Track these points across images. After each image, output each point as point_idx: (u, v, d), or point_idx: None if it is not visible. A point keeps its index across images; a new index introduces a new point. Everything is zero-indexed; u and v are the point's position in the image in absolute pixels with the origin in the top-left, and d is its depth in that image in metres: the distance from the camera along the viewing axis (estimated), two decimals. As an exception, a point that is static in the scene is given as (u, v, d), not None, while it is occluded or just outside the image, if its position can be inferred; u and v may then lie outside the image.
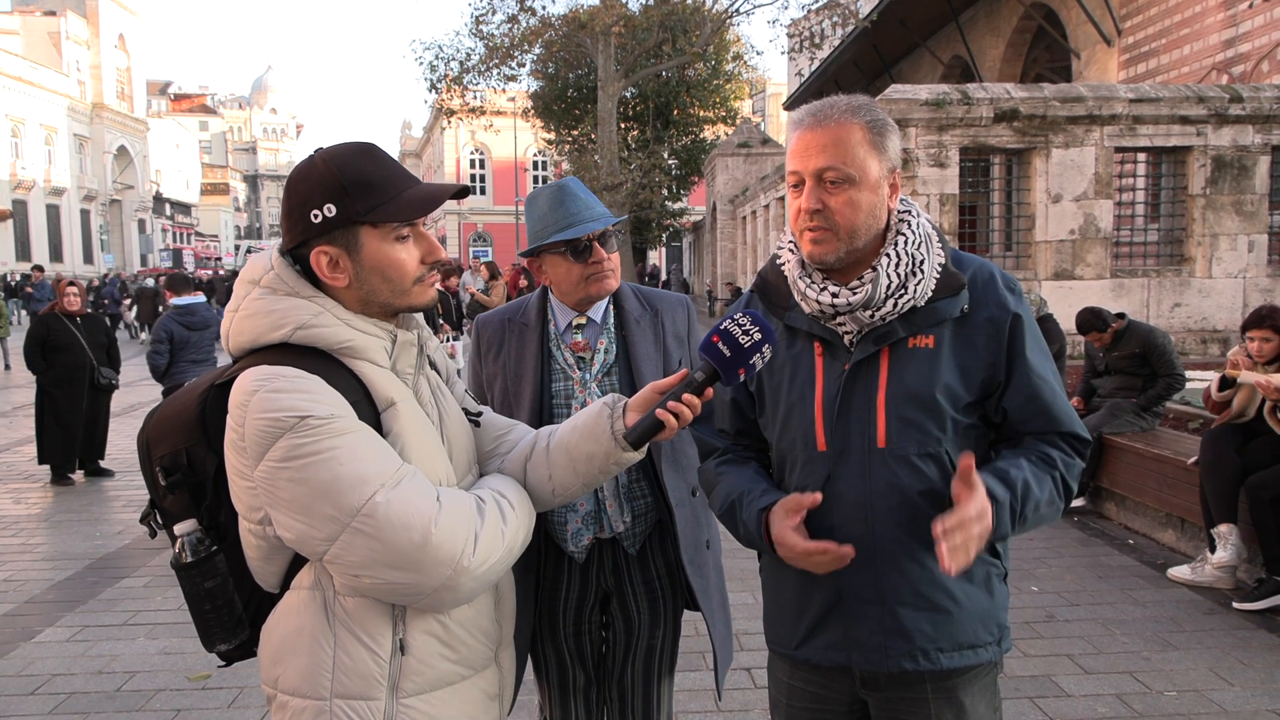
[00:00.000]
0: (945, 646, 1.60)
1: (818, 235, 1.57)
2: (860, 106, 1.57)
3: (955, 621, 1.60)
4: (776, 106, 52.17)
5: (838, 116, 1.55)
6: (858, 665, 1.64)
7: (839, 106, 1.56)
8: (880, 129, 1.56)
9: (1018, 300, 1.63)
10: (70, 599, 4.84)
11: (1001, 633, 1.67)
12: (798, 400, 1.66)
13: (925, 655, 1.60)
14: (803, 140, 1.56)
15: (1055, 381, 1.63)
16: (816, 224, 1.56)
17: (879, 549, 1.58)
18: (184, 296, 7.05)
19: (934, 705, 1.63)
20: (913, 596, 1.59)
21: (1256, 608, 4.42)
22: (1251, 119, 10.52)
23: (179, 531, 1.44)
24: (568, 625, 2.22)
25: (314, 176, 1.42)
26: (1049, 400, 1.61)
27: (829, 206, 1.55)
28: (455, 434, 1.58)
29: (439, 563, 1.34)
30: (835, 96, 1.60)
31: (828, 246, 1.57)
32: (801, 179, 1.57)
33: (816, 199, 1.55)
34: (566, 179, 2.21)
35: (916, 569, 1.59)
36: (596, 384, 2.17)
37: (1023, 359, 1.60)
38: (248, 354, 1.44)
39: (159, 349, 6.71)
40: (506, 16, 23.01)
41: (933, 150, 10.29)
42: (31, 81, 44.14)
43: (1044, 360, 1.63)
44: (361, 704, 1.39)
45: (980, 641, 1.63)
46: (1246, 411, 4.83)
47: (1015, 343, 1.60)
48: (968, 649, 1.62)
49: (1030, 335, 1.61)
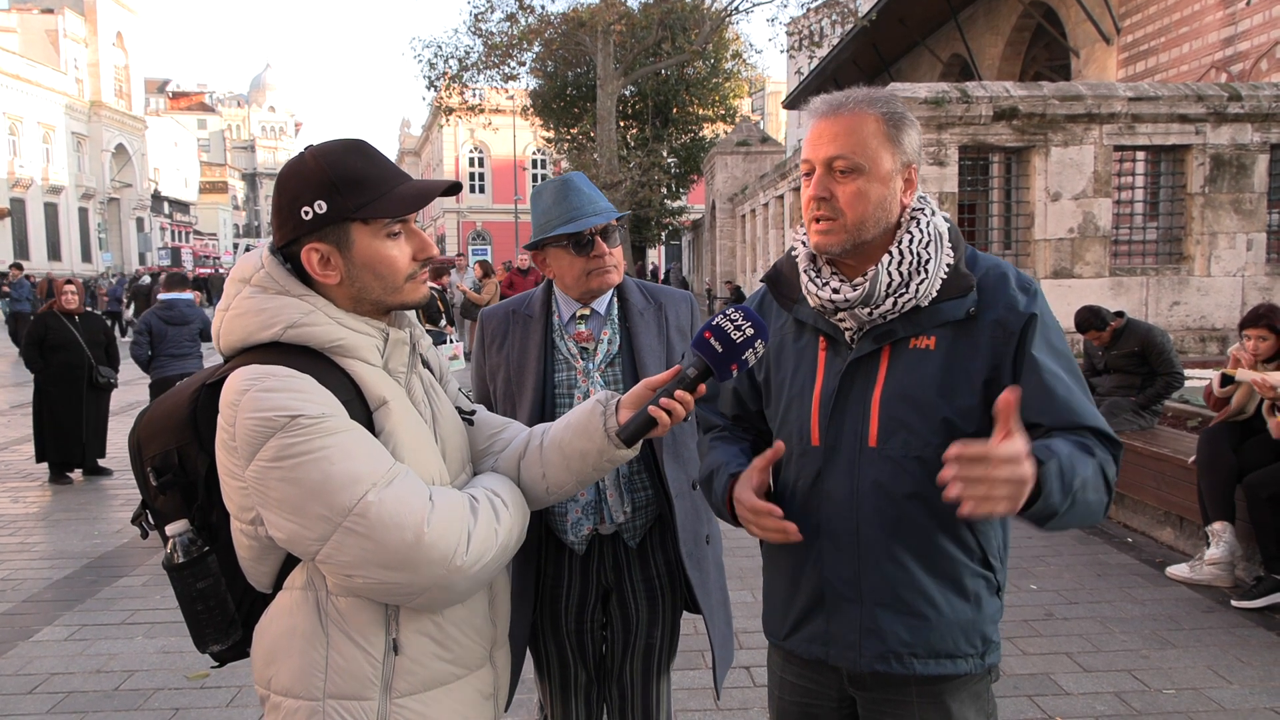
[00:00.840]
0: (920, 653, 1.57)
1: (824, 225, 1.55)
2: (878, 98, 1.55)
3: (933, 629, 1.57)
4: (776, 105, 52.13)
5: (853, 106, 1.53)
6: (834, 661, 1.64)
7: (856, 96, 1.54)
8: (897, 122, 1.54)
9: (1031, 300, 1.57)
10: (68, 598, 4.83)
11: (986, 646, 1.62)
12: (798, 394, 1.66)
13: (898, 659, 1.58)
14: (817, 129, 1.54)
15: (1073, 381, 1.55)
16: (823, 213, 1.54)
17: (863, 547, 1.57)
18: (172, 293, 7.40)
19: (919, 709, 1.61)
20: (891, 599, 1.57)
21: (1255, 605, 4.42)
22: (1250, 117, 10.51)
23: (171, 532, 1.43)
24: (570, 623, 2.22)
25: (304, 173, 1.41)
26: (1065, 396, 1.52)
27: (836, 195, 1.53)
28: (448, 433, 1.58)
29: (432, 562, 1.33)
30: (857, 88, 1.58)
31: (834, 237, 1.55)
32: (813, 167, 1.55)
33: (824, 187, 1.53)
34: (572, 173, 2.23)
35: (898, 571, 1.57)
36: (600, 374, 2.18)
37: (1030, 357, 1.53)
38: (239, 353, 1.43)
39: (139, 340, 7.11)
40: (505, 15, 22.99)
41: (932, 149, 10.28)
42: (29, 79, 44.08)
43: (1058, 359, 1.55)
44: (355, 704, 1.39)
45: (960, 652, 1.59)
46: (1246, 409, 4.83)
47: (1026, 343, 1.54)
48: (945, 658, 1.58)
49: (1041, 334, 1.55)
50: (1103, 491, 1.48)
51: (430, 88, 24.51)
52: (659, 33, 22.30)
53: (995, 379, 1.55)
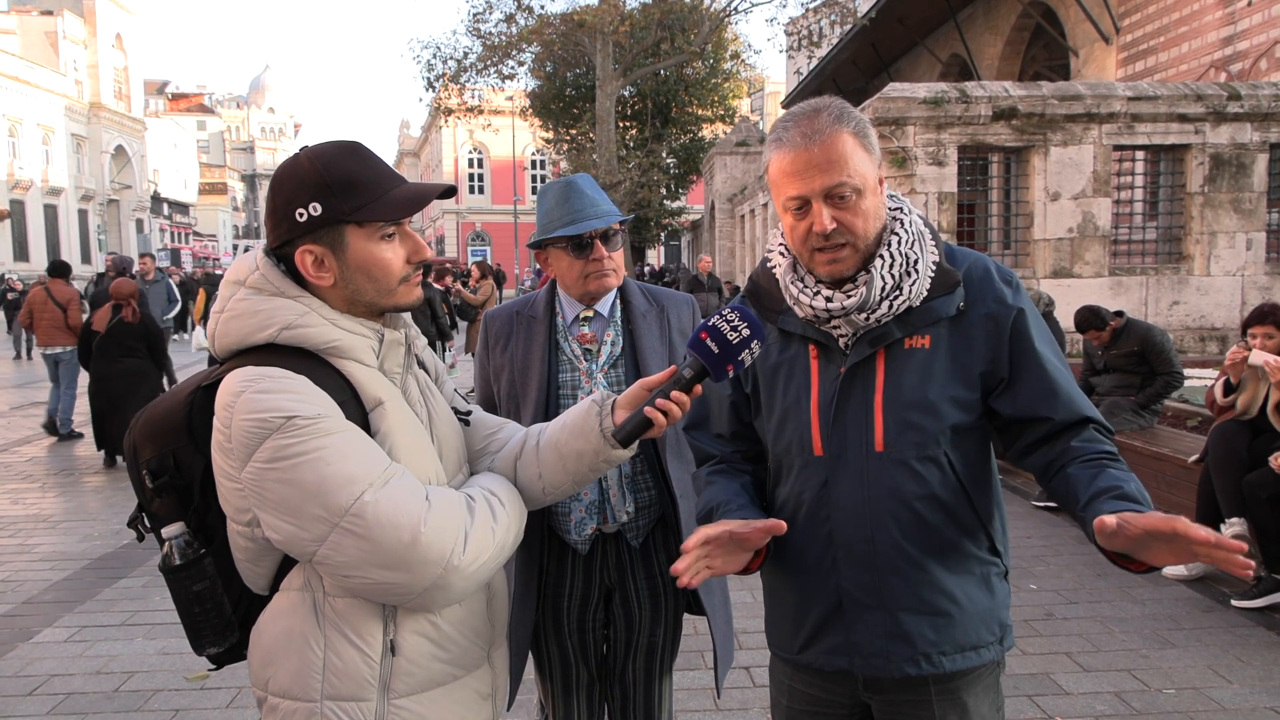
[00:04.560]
0: (948, 649, 1.59)
1: (836, 254, 1.53)
2: (842, 114, 1.51)
3: (957, 624, 1.59)
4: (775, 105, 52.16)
5: (827, 130, 1.48)
6: (860, 670, 1.62)
7: (824, 119, 1.49)
8: (864, 130, 1.53)
9: (1016, 293, 1.59)
10: (68, 599, 4.83)
11: (1004, 631, 1.65)
12: (793, 404, 1.64)
13: (928, 659, 1.58)
14: (797, 161, 1.49)
15: (1069, 372, 1.61)
16: (834, 243, 1.51)
17: (879, 554, 1.56)
18: None
19: (938, 707, 1.62)
20: (914, 601, 1.57)
21: (1254, 605, 4.42)
22: (1250, 117, 10.52)
23: (167, 534, 1.43)
24: (572, 623, 2.22)
25: (299, 175, 1.41)
26: (1068, 390, 1.57)
27: (845, 224, 1.50)
28: (445, 433, 1.57)
29: (429, 562, 1.33)
30: (808, 107, 1.53)
31: (847, 264, 1.53)
32: (805, 201, 1.50)
33: (832, 219, 1.50)
34: (577, 175, 2.25)
35: (917, 573, 1.57)
36: (603, 375, 2.20)
37: (1034, 351, 1.56)
38: (234, 355, 1.43)
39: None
40: (504, 16, 22.99)
41: (931, 149, 10.28)
42: (29, 81, 44.04)
43: (1054, 351, 1.60)
44: (352, 705, 1.38)
45: (983, 642, 1.62)
46: (1250, 409, 4.82)
47: (1022, 337, 1.56)
48: (970, 650, 1.60)
49: (1036, 327, 1.58)
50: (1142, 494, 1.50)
51: (429, 89, 24.50)
52: (658, 33, 22.29)
53: (991, 371, 1.57)
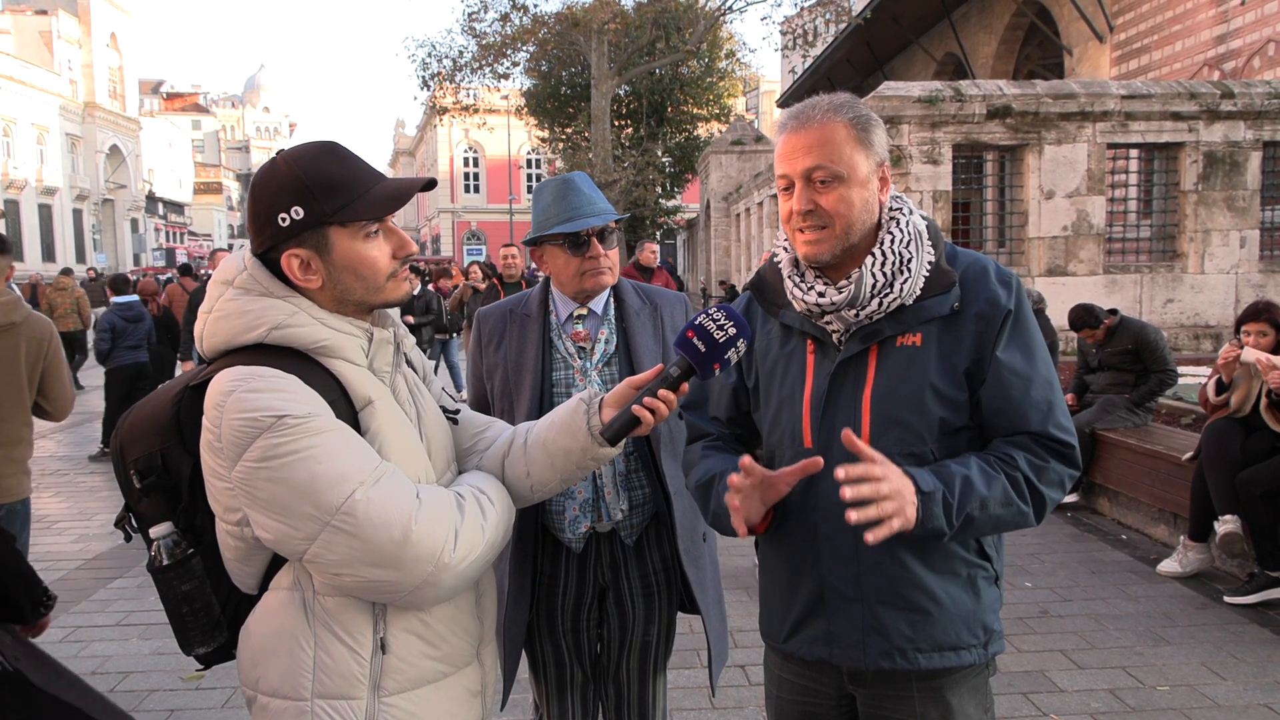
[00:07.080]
0: (924, 647, 1.60)
1: (812, 235, 1.57)
2: (842, 104, 1.57)
3: (935, 623, 1.59)
4: (770, 104, 52.18)
5: (820, 116, 1.55)
6: (838, 661, 1.64)
7: (821, 106, 1.56)
8: (864, 124, 1.56)
9: (1010, 294, 1.59)
10: (63, 600, 4.80)
11: (988, 635, 1.64)
12: (788, 397, 1.67)
13: (903, 655, 1.60)
14: (789, 143, 1.56)
15: (1037, 378, 1.57)
16: (810, 224, 1.56)
17: (860, 547, 1.57)
18: (123, 296, 8.66)
19: (919, 703, 1.63)
20: (892, 596, 1.59)
21: (1248, 601, 4.44)
22: (1243, 115, 10.54)
23: (155, 535, 1.43)
24: (566, 622, 2.22)
25: (278, 180, 1.40)
26: (1019, 399, 1.55)
27: (821, 206, 1.55)
28: (433, 432, 1.58)
29: (419, 560, 1.33)
30: (817, 97, 1.60)
31: (824, 246, 1.57)
32: (791, 181, 1.57)
33: (808, 199, 1.55)
34: (575, 173, 2.26)
35: (897, 569, 1.58)
36: (597, 373, 2.20)
37: (994, 356, 1.55)
38: (222, 355, 1.42)
39: (103, 337, 8.34)
40: (499, 15, 22.95)
41: (926, 147, 10.30)
42: (23, 81, 43.94)
43: (1023, 357, 1.57)
44: (343, 703, 1.38)
45: (963, 643, 1.61)
46: (1243, 407, 4.83)
47: (996, 339, 1.56)
48: (948, 650, 1.61)
49: (1010, 332, 1.57)
50: (1020, 504, 1.53)
51: (424, 88, 24.46)
52: (653, 32, 22.28)
53: (975, 371, 1.58)
